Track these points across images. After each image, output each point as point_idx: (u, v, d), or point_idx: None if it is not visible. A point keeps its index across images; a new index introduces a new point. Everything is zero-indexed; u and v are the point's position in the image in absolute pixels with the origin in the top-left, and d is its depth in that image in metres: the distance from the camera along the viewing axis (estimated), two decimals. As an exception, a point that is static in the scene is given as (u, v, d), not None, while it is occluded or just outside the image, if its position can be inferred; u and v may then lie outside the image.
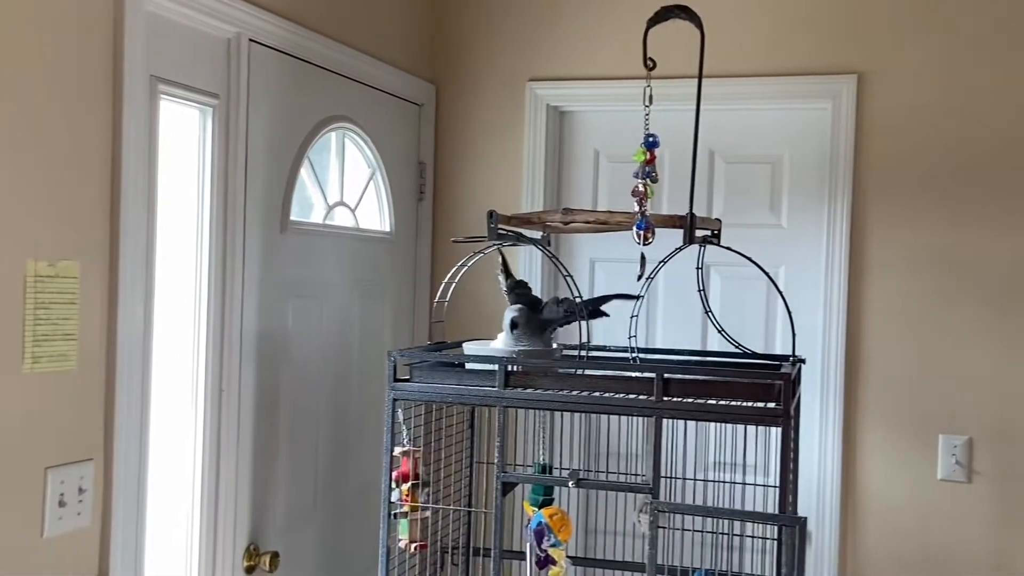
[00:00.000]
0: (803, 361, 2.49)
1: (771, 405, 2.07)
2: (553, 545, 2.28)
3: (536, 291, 3.29)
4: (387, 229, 3.22)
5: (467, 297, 3.21)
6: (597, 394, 2.18)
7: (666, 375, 2.13)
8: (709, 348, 3.15)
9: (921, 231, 2.98)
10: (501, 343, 2.34)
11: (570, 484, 2.19)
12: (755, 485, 2.59)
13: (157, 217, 2.16)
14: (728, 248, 2.43)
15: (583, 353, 2.29)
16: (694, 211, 2.26)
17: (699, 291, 2.49)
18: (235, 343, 2.42)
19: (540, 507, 2.39)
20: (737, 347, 2.51)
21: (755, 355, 2.52)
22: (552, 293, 3.37)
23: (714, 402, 2.11)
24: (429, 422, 2.50)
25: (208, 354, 2.35)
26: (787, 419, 2.04)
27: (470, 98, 3.41)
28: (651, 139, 2.18)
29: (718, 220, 2.50)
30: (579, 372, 2.27)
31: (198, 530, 2.35)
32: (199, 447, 2.34)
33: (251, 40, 2.45)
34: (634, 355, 2.31)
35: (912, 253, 2.98)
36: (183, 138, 2.32)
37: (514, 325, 2.30)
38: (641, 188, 2.18)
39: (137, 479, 2.10)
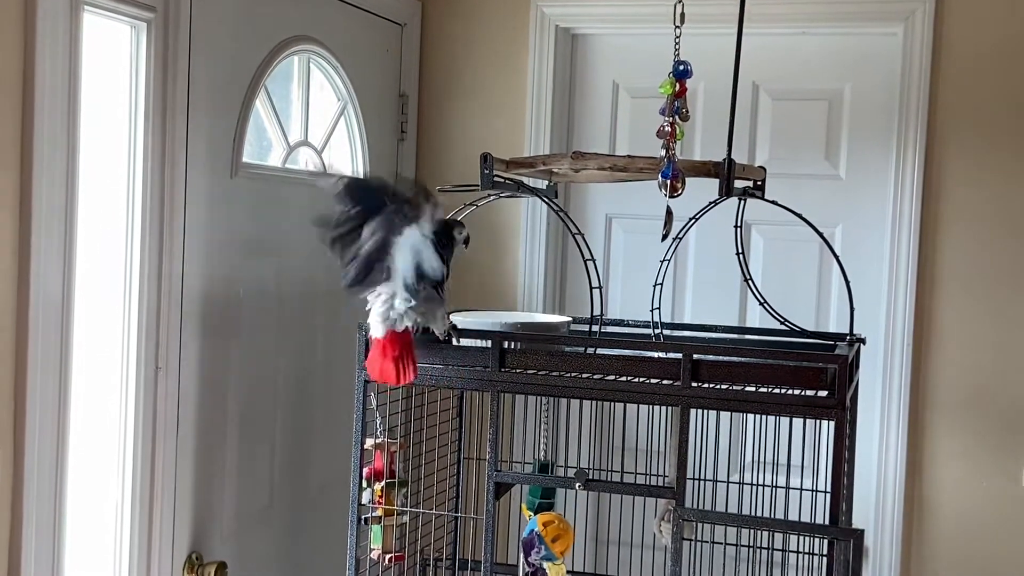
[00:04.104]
0: (863, 341, 2.49)
1: (823, 394, 2.06)
2: (545, 559, 2.26)
3: (540, 253, 3.29)
4: (360, 174, 3.20)
5: (457, 259, 3.19)
6: (611, 378, 2.17)
7: (695, 356, 2.12)
8: (748, 324, 3.15)
9: (1011, 184, 2.95)
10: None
11: (577, 486, 2.19)
12: (801, 490, 2.59)
13: (79, 156, 2.13)
14: (773, 203, 2.41)
15: (595, 328, 2.28)
16: (733, 157, 2.25)
17: (737, 254, 2.48)
18: (174, 311, 2.41)
19: (537, 512, 2.39)
20: (783, 323, 2.51)
21: (804, 333, 2.52)
22: (559, 255, 3.36)
23: (753, 389, 2.10)
24: (408, 409, 2.50)
25: (142, 324, 2.34)
26: (842, 411, 2.04)
27: (463, 17, 3.38)
28: (682, 68, 2.17)
29: (762, 168, 2.48)
30: (590, 351, 2.26)
31: (129, 536, 2.35)
32: (130, 436, 2.33)
33: (195, -59, 2.43)
34: (657, 331, 2.30)
35: (998, 211, 2.96)
36: (112, 60, 2.29)
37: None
38: (668, 128, 2.16)
39: (53, 474, 2.09)
